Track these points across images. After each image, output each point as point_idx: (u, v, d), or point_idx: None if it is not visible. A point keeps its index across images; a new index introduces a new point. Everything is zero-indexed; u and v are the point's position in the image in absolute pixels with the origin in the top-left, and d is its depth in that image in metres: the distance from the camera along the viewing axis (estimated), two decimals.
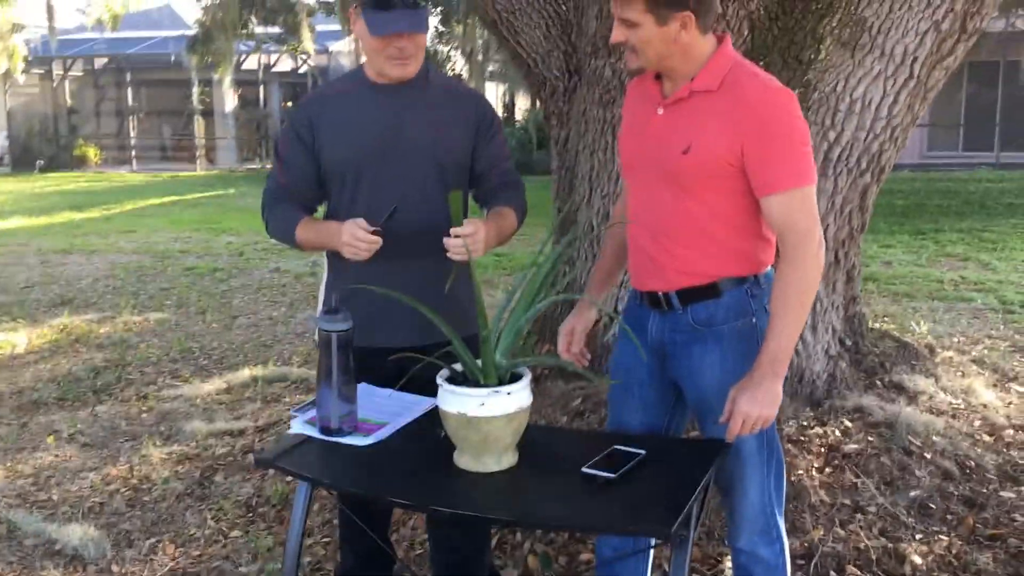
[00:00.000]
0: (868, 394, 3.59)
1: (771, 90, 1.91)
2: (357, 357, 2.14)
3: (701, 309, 2.03)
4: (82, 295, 7.85)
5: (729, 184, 1.94)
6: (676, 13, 1.86)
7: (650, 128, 2.02)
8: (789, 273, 1.90)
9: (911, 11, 3.23)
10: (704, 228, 1.99)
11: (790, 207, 1.89)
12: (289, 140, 2.35)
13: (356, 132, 2.29)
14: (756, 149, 1.88)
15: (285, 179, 2.35)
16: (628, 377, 2.18)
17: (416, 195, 2.28)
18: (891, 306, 6.57)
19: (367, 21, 2.20)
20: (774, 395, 1.88)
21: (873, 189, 3.57)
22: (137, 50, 24.15)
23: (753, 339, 1.99)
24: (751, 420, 1.87)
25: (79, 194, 17.56)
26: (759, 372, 1.89)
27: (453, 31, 18.56)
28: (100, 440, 4.28)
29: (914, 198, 13.13)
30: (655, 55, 1.93)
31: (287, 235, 2.33)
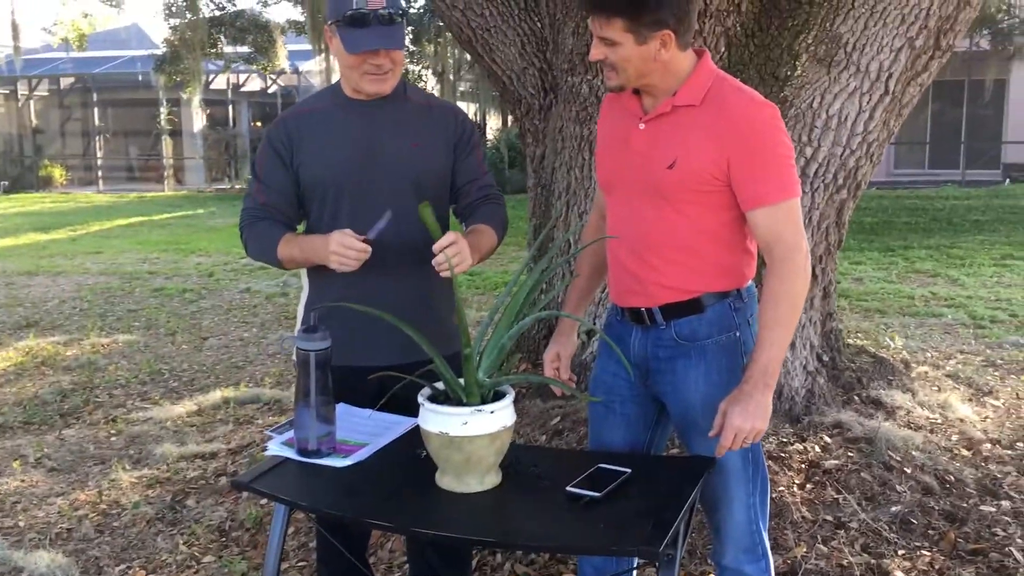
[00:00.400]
0: (846, 409, 3.58)
1: (756, 104, 1.91)
2: (338, 377, 2.09)
3: (684, 324, 2.01)
4: (48, 317, 7.71)
5: (714, 198, 1.93)
6: (656, 32, 1.85)
7: (632, 144, 2.00)
8: (777, 285, 1.89)
9: (885, 28, 3.25)
10: (688, 243, 1.97)
11: (777, 220, 1.88)
12: (267, 158, 2.30)
13: (335, 149, 2.25)
14: (742, 163, 1.87)
15: (264, 198, 2.30)
16: (609, 394, 2.15)
17: (396, 211, 2.24)
18: (863, 322, 6.61)
19: (342, 39, 2.16)
20: (765, 408, 1.86)
21: (850, 205, 3.58)
22: (104, 69, 23.93)
23: (737, 353, 1.97)
24: (743, 434, 1.85)
25: (45, 215, 17.32)
26: (750, 384, 1.87)
27: (424, 50, 18.57)
28: (68, 464, 4.17)
29: (882, 215, 13.28)
30: (635, 73, 1.92)
31: (268, 253, 2.27)
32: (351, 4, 2.13)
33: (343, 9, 2.14)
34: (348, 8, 2.13)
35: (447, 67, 18.13)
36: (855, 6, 3.24)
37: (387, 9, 2.14)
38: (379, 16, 2.13)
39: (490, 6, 4.06)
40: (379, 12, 2.13)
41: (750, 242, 2.00)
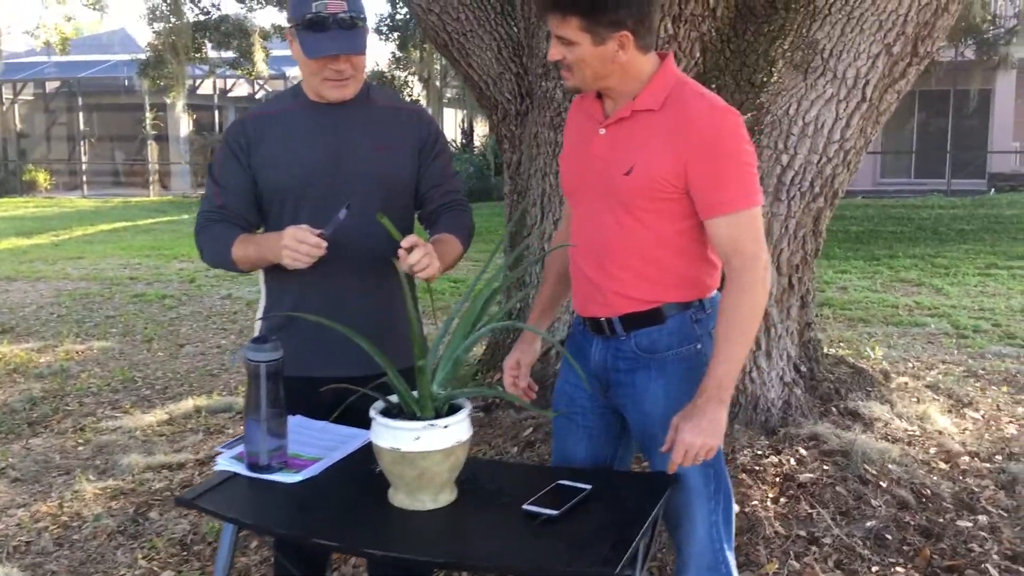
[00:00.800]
0: (823, 421, 3.53)
1: (717, 109, 1.85)
2: (295, 387, 2.03)
3: (644, 336, 1.95)
4: (24, 323, 7.60)
5: (673, 206, 1.87)
6: (613, 33, 1.80)
7: (592, 149, 1.95)
8: (735, 297, 1.83)
9: (863, 34, 3.21)
10: (647, 252, 1.91)
11: (736, 229, 1.83)
12: (224, 160, 2.22)
13: (296, 154, 2.18)
14: (701, 170, 1.82)
15: (221, 200, 2.22)
16: (571, 406, 2.10)
17: (358, 218, 2.18)
18: (846, 331, 6.57)
19: (301, 43, 2.10)
20: (718, 423, 1.80)
21: (827, 213, 3.53)
22: (89, 74, 23.81)
23: (698, 366, 1.91)
24: (694, 450, 1.79)
25: (27, 220, 17.17)
26: (703, 399, 1.81)
27: (410, 56, 18.53)
28: (32, 475, 4.08)
29: (868, 224, 13.28)
30: (592, 74, 1.87)
31: (223, 254, 2.17)
32: (310, 7, 2.06)
33: (302, 12, 2.08)
34: (307, 11, 2.07)
35: (433, 73, 18.09)
36: (832, 12, 3.20)
37: (348, 13, 2.07)
38: (339, 20, 2.06)
39: (466, 10, 4.01)
40: (339, 16, 2.06)
41: (712, 251, 1.94)
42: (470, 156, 20.09)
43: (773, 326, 3.51)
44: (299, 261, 2.02)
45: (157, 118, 23.73)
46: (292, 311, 2.14)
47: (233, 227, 2.19)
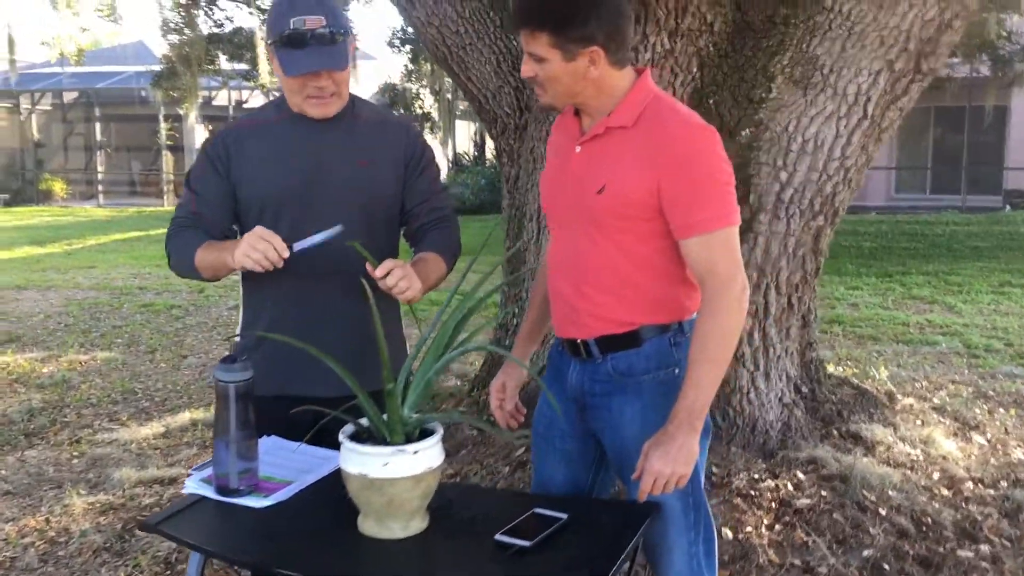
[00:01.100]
0: (824, 444, 3.45)
1: (691, 126, 1.80)
2: (272, 406, 1.98)
3: (621, 358, 1.90)
4: (31, 332, 7.60)
5: (647, 226, 1.82)
6: (584, 49, 1.76)
7: (568, 167, 1.90)
8: (708, 320, 1.78)
9: (864, 50, 3.15)
10: (622, 273, 1.86)
11: (710, 250, 1.77)
12: (202, 169, 2.18)
13: (276, 168, 2.13)
14: (674, 188, 1.76)
15: (195, 207, 2.17)
16: (549, 429, 2.05)
17: (340, 236, 2.13)
18: (855, 349, 6.48)
19: (280, 60, 2.05)
20: (689, 451, 1.75)
21: (827, 231, 3.46)
22: (106, 85, 23.96)
23: (676, 390, 1.85)
24: (663, 478, 1.74)
25: (42, 228, 17.27)
26: (674, 425, 1.76)
27: (421, 69, 18.54)
28: (23, 488, 4.05)
29: (881, 240, 13.15)
30: (564, 91, 1.82)
31: (188, 262, 2.11)
32: (287, 24, 2.01)
33: (280, 29, 2.03)
34: (285, 28, 2.02)
35: (444, 86, 18.10)
36: (832, 27, 3.14)
37: (327, 28, 2.01)
38: (318, 36, 2.01)
39: (465, 23, 3.98)
40: (318, 32, 2.01)
41: (691, 272, 1.89)
42: (482, 168, 20.06)
43: (772, 346, 3.44)
44: (250, 258, 1.94)
45: (172, 129, 23.86)
46: (269, 329, 2.09)
47: (202, 234, 2.13)
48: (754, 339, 3.40)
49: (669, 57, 3.15)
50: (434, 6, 4.00)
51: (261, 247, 1.93)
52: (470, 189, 18.25)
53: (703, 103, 3.24)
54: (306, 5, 2.02)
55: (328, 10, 2.03)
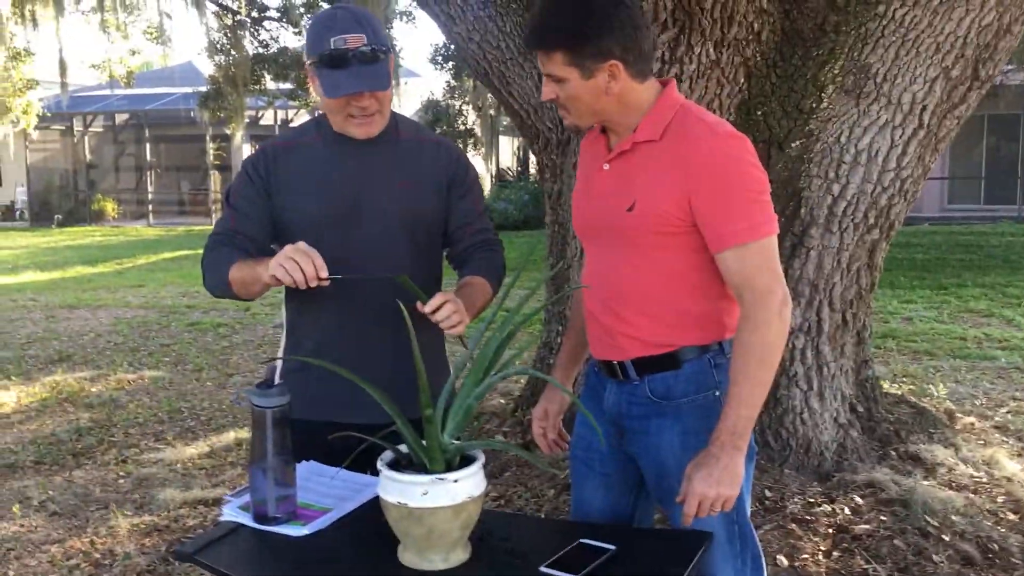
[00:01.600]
0: (881, 466, 3.32)
1: (720, 135, 1.72)
2: (317, 432, 1.93)
3: (659, 381, 1.83)
4: (81, 351, 7.70)
5: (681, 241, 1.74)
6: (601, 64, 1.70)
7: (597, 186, 1.85)
8: (749, 335, 1.70)
9: (918, 57, 3.04)
10: (657, 291, 1.79)
11: (747, 262, 1.69)
12: (242, 186, 2.12)
13: (318, 191, 2.07)
14: (706, 200, 1.69)
15: (234, 224, 2.10)
16: (588, 453, 1.98)
17: (382, 260, 2.08)
18: (911, 365, 6.29)
19: (320, 81, 1.99)
20: (734, 472, 1.67)
21: (883, 245, 3.35)
22: (156, 106, 24.43)
23: (716, 414, 1.77)
24: (708, 501, 1.66)
25: (93, 248, 17.60)
26: (716, 446, 1.68)
27: (464, 85, 18.59)
28: (70, 508, 4.06)
29: (935, 252, 12.85)
30: (587, 110, 1.77)
31: (222, 278, 2.02)
32: (328, 44, 1.94)
33: (320, 49, 1.96)
34: (325, 48, 1.95)
35: (487, 102, 18.13)
36: (885, 34, 3.04)
37: (368, 46, 1.95)
38: (359, 55, 1.94)
39: (506, 39, 3.94)
40: (359, 50, 1.94)
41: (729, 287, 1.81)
42: (525, 183, 20.05)
43: (826, 364, 3.33)
44: (283, 267, 1.83)
45: (219, 148, 24.23)
46: (313, 355, 2.04)
47: (240, 251, 2.06)
48: (807, 357, 3.29)
49: (715, 68, 3.06)
50: (475, 22, 3.96)
51: (299, 258, 1.84)
52: (514, 205, 18.24)
53: (751, 115, 3.15)
54: (346, 23, 1.95)
55: (369, 27, 1.97)
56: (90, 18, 14.90)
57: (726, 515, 1.83)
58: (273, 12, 15.74)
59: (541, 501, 3.32)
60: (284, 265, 1.83)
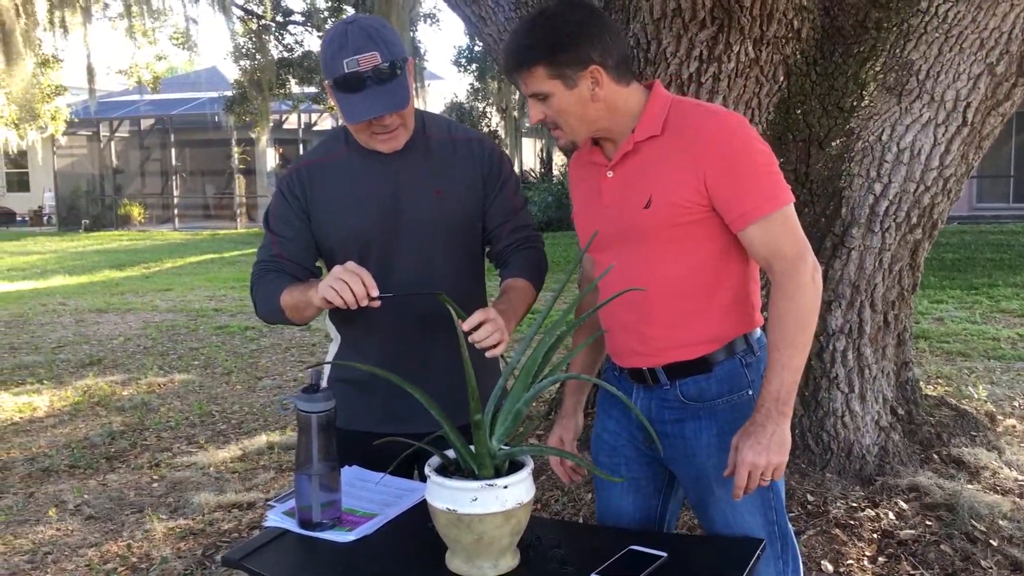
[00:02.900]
0: (924, 470, 3.27)
1: (720, 116, 1.72)
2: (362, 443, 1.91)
3: (691, 384, 1.81)
4: (111, 355, 7.75)
5: (702, 228, 1.73)
6: (582, 71, 1.69)
7: (603, 195, 1.82)
8: (783, 303, 1.68)
9: (962, 54, 2.99)
10: (687, 285, 1.77)
11: (772, 233, 1.68)
12: (280, 209, 2.09)
13: (357, 206, 2.04)
14: (721, 181, 1.68)
15: (278, 249, 2.08)
16: (613, 458, 1.97)
17: (425, 268, 2.05)
18: (945, 366, 6.20)
19: (339, 105, 1.94)
20: (782, 438, 1.65)
21: (925, 245, 3.29)
22: (181, 111, 24.60)
23: (750, 412, 1.74)
24: (759, 470, 1.64)
25: (120, 253, 17.74)
26: (762, 414, 1.66)
27: (488, 87, 18.59)
28: (105, 512, 4.07)
29: (965, 251, 12.69)
30: (578, 122, 1.75)
31: (273, 304, 2.02)
32: (341, 67, 1.87)
33: (334, 72, 1.89)
34: (339, 71, 1.87)
35: (511, 103, 18.12)
36: (928, 31, 2.98)
37: (384, 63, 1.87)
38: (376, 74, 1.87)
39: None
40: (375, 69, 1.87)
41: (753, 268, 1.81)
42: (549, 185, 20.02)
43: (867, 367, 3.27)
44: (333, 289, 1.81)
45: (244, 152, 24.37)
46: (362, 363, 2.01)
47: (287, 276, 2.05)
48: (848, 359, 3.24)
49: (754, 66, 3.02)
50: (506, 23, 3.93)
51: (348, 279, 1.81)
52: (537, 206, 18.23)
53: (790, 113, 3.11)
54: (358, 42, 1.87)
55: (381, 41, 1.88)
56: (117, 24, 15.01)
57: (765, 516, 1.81)
58: (298, 16, 15.82)
59: (578, 505, 3.29)
60: (334, 287, 1.82)
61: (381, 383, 2.03)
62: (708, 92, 3.01)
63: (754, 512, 1.81)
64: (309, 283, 1.98)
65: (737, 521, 1.81)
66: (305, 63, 14.98)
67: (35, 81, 14.64)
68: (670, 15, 2.92)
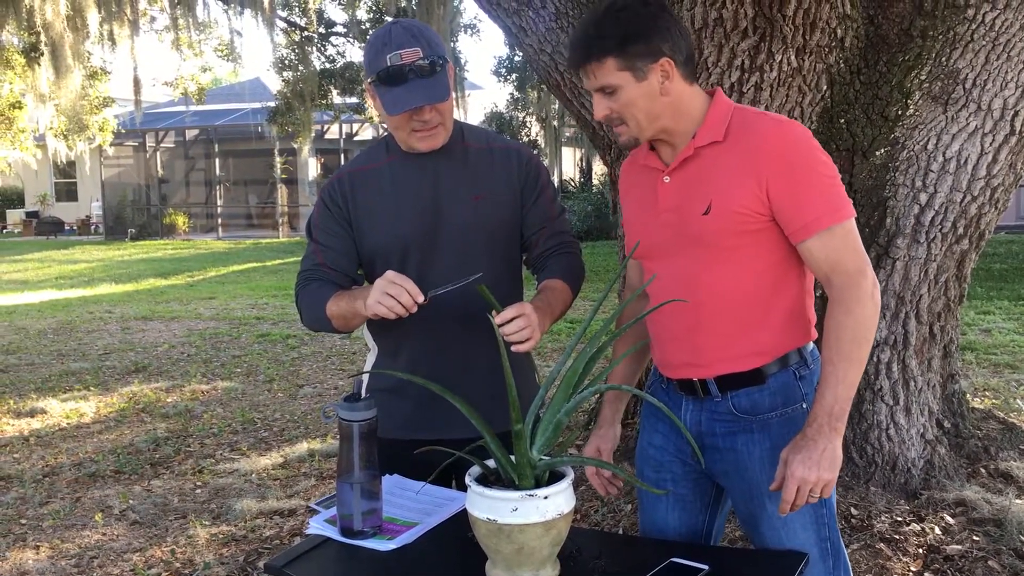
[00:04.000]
0: (971, 484, 3.21)
1: (784, 125, 1.70)
2: (404, 451, 1.92)
3: (743, 396, 1.79)
4: (156, 362, 7.87)
5: (762, 237, 1.71)
6: (653, 63, 1.69)
7: (660, 201, 1.80)
8: (841, 316, 1.66)
9: (1009, 61, 2.94)
10: (740, 295, 1.75)
11: (832, 247, 1.66)
12: (322, 218, 2.13)
13: (396, 215, 2.08)
14: (784, 191, 1.66)
15: (322, 258, 2.13)
16: (659, 473, 1.94)
17: (464, 272, 2.07)
18: (992, 378, 6.09)
19: (381, 99, 1.98)
20: (833, 455, 1.62)
21: (972, 256, 3.24)
22: (225, 122, 24.96)
23: None
24: (808, 485, 1.62)
25: (165, 261, 18.02)
26: (813, 429, 1.64)
27: (528, 97, 18.63)
28: (150, 517, 4.13)
29: (1012, 261, 12.46)
30: (645, 117, 1.73)
31: (319, 314, 2.06)
32: (384, 61, 1.94)
33: (377, 67, 1.95)
34: (382, 66, 1.94)
35: (551, 113, 18.15)
36: (975, 39, 2.94)
37: (425, 59, 1.94)
38: (417, 68, 1.93)
39: None
40: (416, 64, 1.93)
41: (809, 281, 1.80)
42: (588, 194, 20.01)
43: (913, 379, 3.23)
44: (383, 305, 1.85)
45: (287, 162, 24.65)
46: (403, 371, 2.03)
47: (331, 285, 2.08)
48: (893, 371, 3.19)
49: (796, 75, 3.00)
50: (547, 34, 3.95)
51: (394, 291, 1.84)
52: (576, 216, 18.22)
53: (833, 122, 3.08)
54: (400, 38, 1.94)
55: (423, 40, 1.96)
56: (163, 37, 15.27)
57: (818, 532, 1.79)
58: (340, 28, 15.99)
59: (618, 516, 3.28)
60: (383, 303, 1.85)
61: (414, 389, 2.04)
62: (749, 102, 3.00)
63: (807, 528, 1.78)
64: (354, 293, 2.00)
65: (789, 537, 1.78)
66: (347, 74, 15.14)
67: (84, 93, 14.94)
68: (711, 25, 2.91)
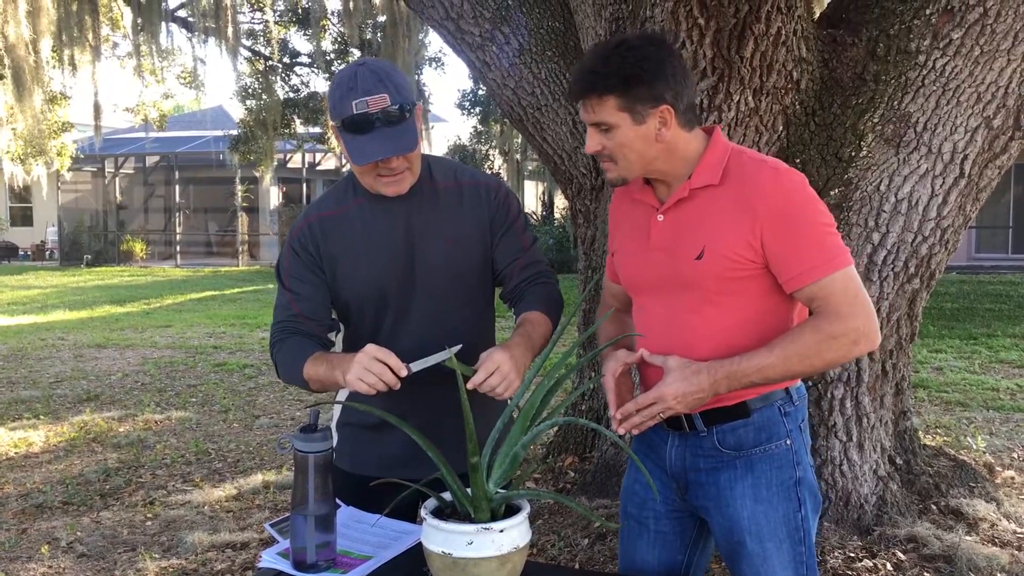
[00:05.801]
0: (922, 520, 3.25)
1: (781, 172, 1.71)
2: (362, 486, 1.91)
3: (728, 432, 1.79)
4: (109, 391, 7.73)
5: (753, 284, 1.72)
6: (653, 109, 1.69)
7: (653, 239, 1.81)
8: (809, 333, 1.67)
9: (959, 106, 3.03)
10: (731, 339, 1.75)
11: (831, 293, 1.66)
12: (294, 265, 2.07)
13: (370, 262, 2.04)
14: (778, 242, 1.67)
15: (298, 308, 2.06)
16: (642, 511, 1.93)
17: (439, 315, 2.05)
18: (943, 416, 6.19)
19: (347, 146, 1.92)
20: (699, 399, 1.69)
21: (923, 295, 3.31)
22: (186, 149, 24.79)
23: (788, 463, 1.74)
24: (663, 404, 1.69)
25: (121, 288, 17.75)
26: (706, 373, 1.68)
27: (491, 130, 18.76)
28: (98, 550, 4.04)
29: (963, 301, 12.72)
30: (636, 158, 1.73)
31: (295, 373, 1.99)
32: (350, 107, 1.86)
33: (343, 112, 1.87)
34: (348, 112, 1.86)
35: (513, 147, 18.29)
36: (925, 84, 3.03)
37: (393, 105, 1.86)
38: (385, 116, 1.86)
39: (541, 85, 3.97)
40: (384, 111, 1.85)
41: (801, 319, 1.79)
42: (550, 228, 20.11)
43: (865, 415, 3.27)
44: (364, 382, 1.80)
45: (248, 191, 24.51)
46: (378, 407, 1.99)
47: (308, 341, 2.03)
48: (846, 408, 3.24)
49: (753, 116, 3.06)
50: (510, 69, 4.00)
51: (376, 369, 1.80)
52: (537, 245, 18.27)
53: (789, 162, 3.14)
54: (367, 83, 1.86)
55: (391, 85, 1.88)
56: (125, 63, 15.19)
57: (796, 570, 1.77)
58: (304, 58, 16.03)
59: (575, 550, 3.27)
60: (364, 380, 1.80)
61: (389, 428, 2.01)
62: None
63: (787, 567, 1.77)
64: (332, 360, 1.93)
65: (768, 574, 1.77)
66: (310, 104, 15.16)
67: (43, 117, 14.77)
68: None
